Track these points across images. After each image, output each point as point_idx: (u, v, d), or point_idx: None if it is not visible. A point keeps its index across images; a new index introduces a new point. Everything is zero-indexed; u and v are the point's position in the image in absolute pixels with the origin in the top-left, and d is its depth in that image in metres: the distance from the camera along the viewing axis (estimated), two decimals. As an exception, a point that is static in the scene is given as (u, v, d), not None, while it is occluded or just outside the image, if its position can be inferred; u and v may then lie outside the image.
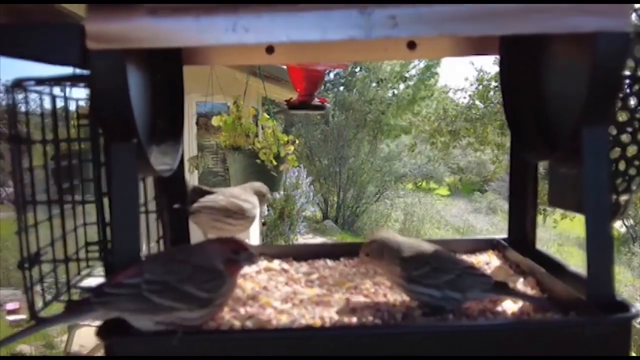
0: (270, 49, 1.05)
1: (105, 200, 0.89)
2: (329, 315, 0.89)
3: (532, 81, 1.00)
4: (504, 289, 0.89)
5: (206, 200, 1.26)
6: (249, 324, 0.85)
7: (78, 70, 0.80)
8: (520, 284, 1.00)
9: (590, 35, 0.72)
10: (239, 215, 1.30)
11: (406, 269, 0.90)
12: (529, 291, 0.97)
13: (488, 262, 1.17)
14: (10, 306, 5.01)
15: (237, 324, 0.85)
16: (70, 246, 0.93)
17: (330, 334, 0.80)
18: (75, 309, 0.77)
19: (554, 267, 1.00)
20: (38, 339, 4.41)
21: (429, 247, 0.94)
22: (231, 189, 1.39)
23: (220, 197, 1.30)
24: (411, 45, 1.02)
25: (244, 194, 1.34)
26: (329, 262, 1.22)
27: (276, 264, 1.21)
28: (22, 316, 4.83)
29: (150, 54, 0.98)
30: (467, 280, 0.89)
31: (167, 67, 1.06)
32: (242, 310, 0.90)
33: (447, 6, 0.72)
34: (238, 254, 0.85)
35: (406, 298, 0.94)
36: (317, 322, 0.86)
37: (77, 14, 2.75)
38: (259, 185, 1.40)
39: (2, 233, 5.88)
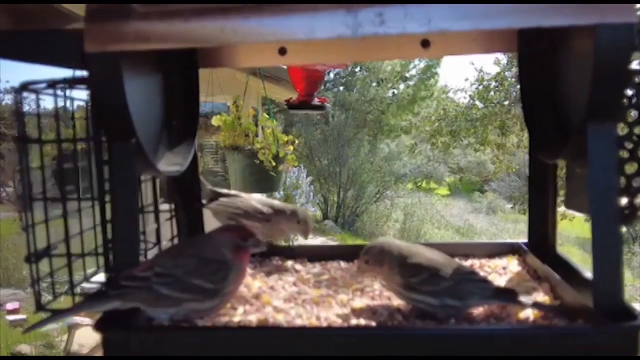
0: (282, 50, 1.05)
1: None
2: (326, 315, 0.89)
3: (549, 78, 0.98)
4: (507, 296, 0.87)
5: (225, 200, 1.25)
6: (244, 321, 0.87)
7: (80, 72, 0.81)
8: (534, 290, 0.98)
9: (592, 28, 0.70)
10: (257, 218, 1.28)
11: (404, 276, 0.88)
12: (542, 297, 0.95)
13: (505, 266, 1.15)
14: (10, 306, 4.99)
15: (233, 321, 0.87)
16: (86, 243, 0.95)
17: (319, 333, 0.80)
18: (95, 299, 0.78)
19: (570, 273, 0.96)
20: (38, 338, 4.39)
21: (429, 254, 0.92)
22: (254, 195, 1.37)
23: (239, 199, 1.28)
24: (425, 43, 1.01)
25: (264, 199, 1.31)
26: (342, 264, 1.21)
27: (289, 264, 1.21)
28: (22, 316, 4.81)
29: (166, 56, 0.98)
30: (466, 286, 0.87)
31: (182, 69, 1.07)
32: (240, 309, 0.92)
33: (435, 5, 0.71)
34: (246, 241, 0.89)
35: None
36: (313, 322, 0.86)
37: (77, 14, 2.74)
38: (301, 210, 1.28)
39: (2, 233, 5.87)
